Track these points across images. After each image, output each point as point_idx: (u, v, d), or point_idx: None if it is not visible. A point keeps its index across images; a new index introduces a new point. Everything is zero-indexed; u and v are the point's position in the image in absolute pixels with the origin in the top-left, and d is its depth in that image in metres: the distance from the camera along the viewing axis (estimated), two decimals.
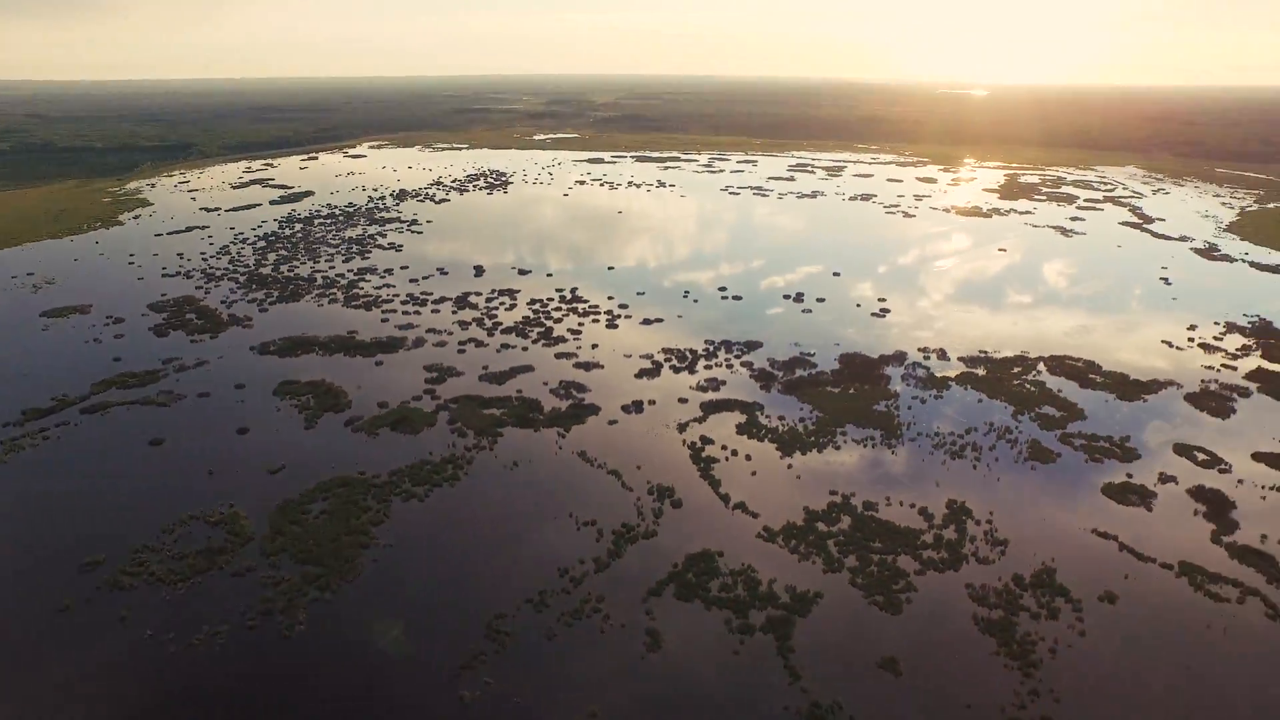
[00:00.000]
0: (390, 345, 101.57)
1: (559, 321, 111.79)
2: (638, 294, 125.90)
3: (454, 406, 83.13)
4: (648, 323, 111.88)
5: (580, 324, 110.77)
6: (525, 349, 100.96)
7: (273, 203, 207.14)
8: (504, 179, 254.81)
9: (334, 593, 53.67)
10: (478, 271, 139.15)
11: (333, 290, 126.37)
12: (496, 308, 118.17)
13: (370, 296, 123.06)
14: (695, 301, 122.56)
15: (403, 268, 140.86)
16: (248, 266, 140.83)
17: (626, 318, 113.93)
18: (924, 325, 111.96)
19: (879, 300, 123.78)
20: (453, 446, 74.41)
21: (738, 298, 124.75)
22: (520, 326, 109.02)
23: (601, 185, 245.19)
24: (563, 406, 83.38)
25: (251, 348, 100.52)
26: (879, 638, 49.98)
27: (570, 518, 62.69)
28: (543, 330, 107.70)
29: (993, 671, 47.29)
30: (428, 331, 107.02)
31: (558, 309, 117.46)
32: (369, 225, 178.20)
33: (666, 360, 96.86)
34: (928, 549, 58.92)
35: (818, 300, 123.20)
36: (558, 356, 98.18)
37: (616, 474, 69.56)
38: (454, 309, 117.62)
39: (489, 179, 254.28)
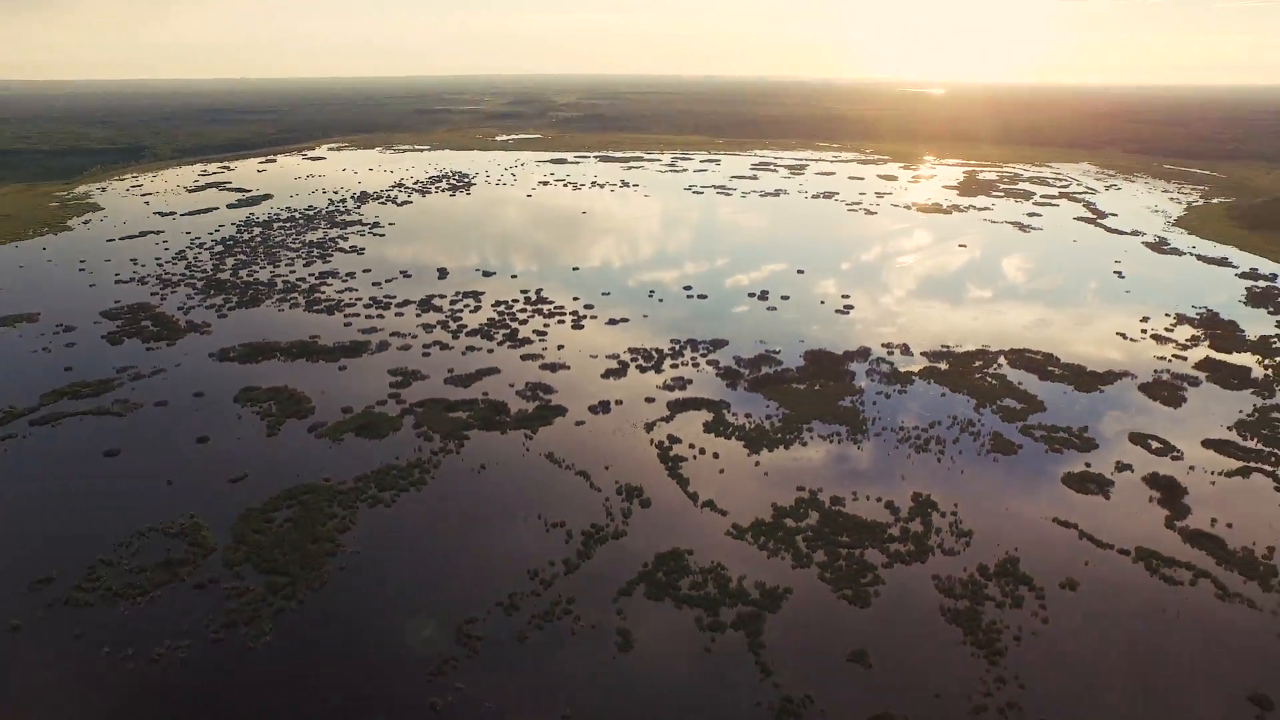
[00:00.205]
0: (354, 350, 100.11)
1: (524, 323, 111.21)
2: (603, 294, 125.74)
3: (419, 410, 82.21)
4: (613, 323, 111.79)
5: (546, 325, 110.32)
6: (491, 351, 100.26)
7: (230, 206, 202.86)
8: (467, 180, 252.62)
9: (300, 602, 52.75)
10: (441, 274, 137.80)
11: (294, 295, 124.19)
12: (461, 310, 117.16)
13: (332, 300, 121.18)
14: (660, 301, 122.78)
15: (365, 271, 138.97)
16: (205, 272, 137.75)
17: (592, 318, 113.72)
18: (887, 321, 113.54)
19: (843, 297, 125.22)
20: (419, 451, 73.60)
21: (703, 296, 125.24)
22: (485, 329, 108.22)
23: (565, 186, 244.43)
24: (529, 408, 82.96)
25: (210, 355, 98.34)
26: (848, 631, 50.57)
27: (539, 519, 62.40)
28: (508, 332, 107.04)
29: (960, 660, 48.14)
30: (391, 335, 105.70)
31: (523, 310, 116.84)
32: (330, 228, 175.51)
33: (633, 360, 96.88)
34: (894, 542, 59.76)
35: (782, 298, 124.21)
36: (523, 358, 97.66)
37: (585, 475, 69.40)
38: (418, 312, 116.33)
39: (452, 180, 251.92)
